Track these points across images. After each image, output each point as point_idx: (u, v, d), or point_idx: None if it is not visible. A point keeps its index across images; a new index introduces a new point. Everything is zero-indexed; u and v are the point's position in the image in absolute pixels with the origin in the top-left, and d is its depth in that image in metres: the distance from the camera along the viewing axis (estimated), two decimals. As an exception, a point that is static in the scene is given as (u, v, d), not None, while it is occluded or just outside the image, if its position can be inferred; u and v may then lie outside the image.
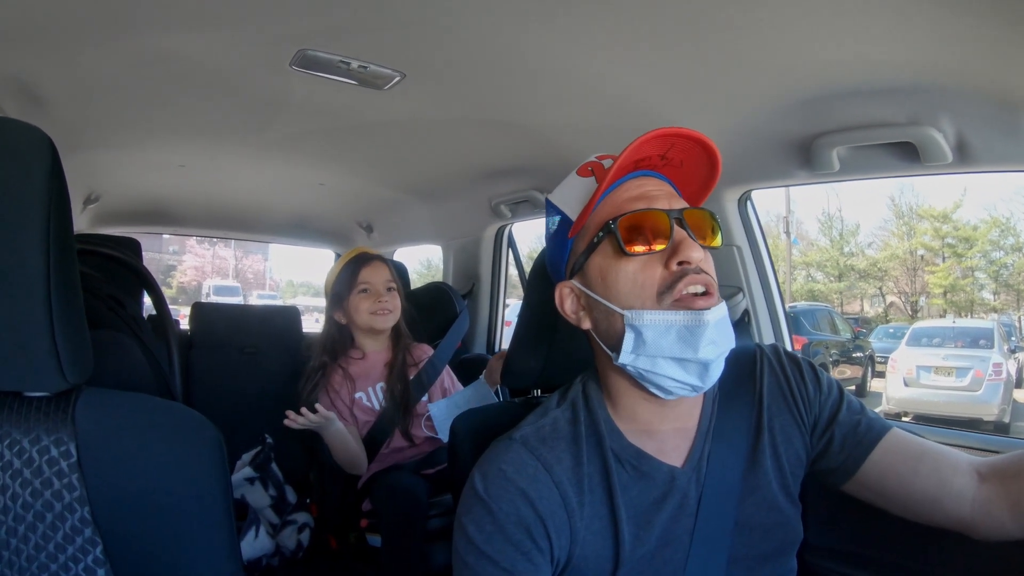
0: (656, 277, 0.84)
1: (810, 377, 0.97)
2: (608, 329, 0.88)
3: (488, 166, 2.31)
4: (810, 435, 0.95)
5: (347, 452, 1.92)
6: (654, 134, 0.84)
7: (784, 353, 1.00)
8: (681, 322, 0.82)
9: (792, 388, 0.96)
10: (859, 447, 0.93)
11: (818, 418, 0.95)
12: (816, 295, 17.98)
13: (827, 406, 0.95)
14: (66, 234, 0.73)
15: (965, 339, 9.11)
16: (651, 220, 0.85)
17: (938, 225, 16.27)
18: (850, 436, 0.93)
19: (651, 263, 0.84)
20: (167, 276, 26.40)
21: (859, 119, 1.38)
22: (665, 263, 0.84)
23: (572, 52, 1.38)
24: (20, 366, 0.71)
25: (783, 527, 0.92)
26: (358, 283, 2.08)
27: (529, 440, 0.89)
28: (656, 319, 0.83)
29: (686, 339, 0.82)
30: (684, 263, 0.83)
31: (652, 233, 0.84)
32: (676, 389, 0.85)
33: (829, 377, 0.98)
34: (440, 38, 1.37)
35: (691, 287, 0.82)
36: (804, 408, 0.95)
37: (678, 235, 0.84)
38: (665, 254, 0.84)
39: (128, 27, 1.35)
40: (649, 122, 1.55)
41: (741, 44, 1.28)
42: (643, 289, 0.84)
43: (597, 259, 0.89)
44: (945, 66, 1.20)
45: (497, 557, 0.82)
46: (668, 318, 0.82)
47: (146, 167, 2.59)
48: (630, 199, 0.88)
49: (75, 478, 0.74)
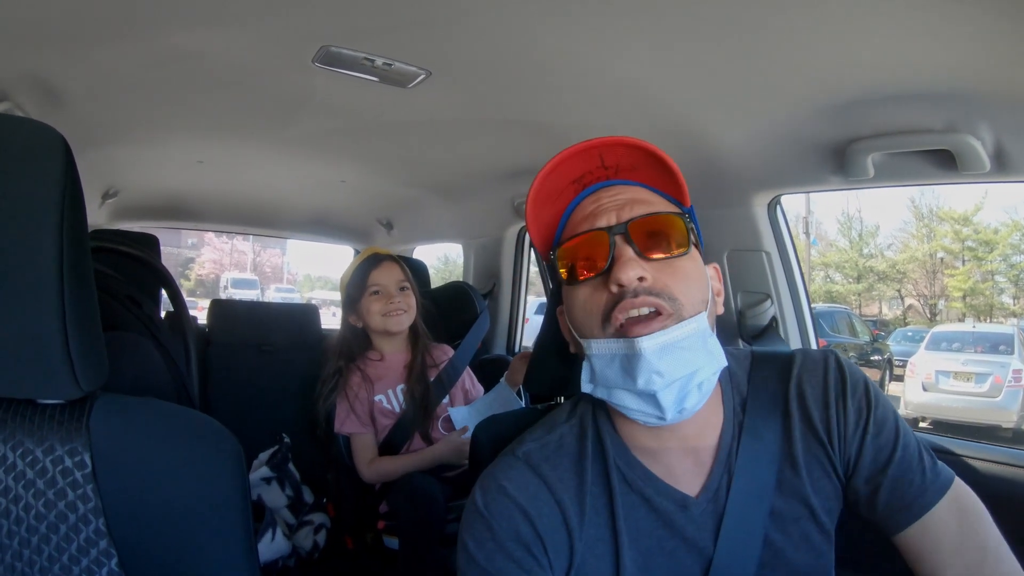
0: (601, 303, 0.79)
1: (854, 406, 0.84)
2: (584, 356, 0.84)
3: (511, 166, 2.28)
4: (844, 475, 0.84)
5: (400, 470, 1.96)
6: (560, 158, 0.85)
7: (835, 364, 0.87)
8: (620, 350, 0.77)
9: (829, 414, 0.84)
10: (903, 512, 0.81)
11: (856, 460, 0.83)
12: (834, 296, 17.87)
13: (869, 448, 0.82)
14: (80, 236, 0.70)
15: (985, 344, 9.01)
16: (592, 241, 0.81)
17: (958, 228, 16.15)
18: (895, 494, 0.81)
19: (599, 287, 0.80)
20: (185, 269, 26.73)
21: (895, 125, 1.33)
22: (609, 287, 0.79)
23: (599, 52, 1.35)
24: (33, 374, 0.69)
25: (815, 568, 0.83)
26: (368, 285, 2.08)
27: (532, 456, 0.86)
28: (601, 348, 0.79)
29: (627, 369, 0.77)
30: (619, 286, 0.77)
31: (595, 255, 0.80)
32: (643, 419, 0.80)
33: (884, 410, 0.84)
34: (466, 36, 1.35)
35: (630, 312, 0.77)
36: (839, 441, 0.84)
37: (617, 253, 0.79)
38: (603, 278, 0.80)
39: (147, 24, 1.34)
40: (675, 124, 1.55)
41: (774, 45, 1.23)
42: (590, 316, 0.80)
43: (564, 287, 0.86)
44: (985, 72, 1.16)
45: (499, 575, 0.80)
46: (610, 347, 0.78)
47: (165, 163, 2.59)
48: (581, 219, 0.85)
49: (90, 489, 0.72)
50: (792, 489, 0.83)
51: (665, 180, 0.87)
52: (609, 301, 0.78)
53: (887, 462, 0.82)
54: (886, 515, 0.81)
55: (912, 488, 0.81)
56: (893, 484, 0.81)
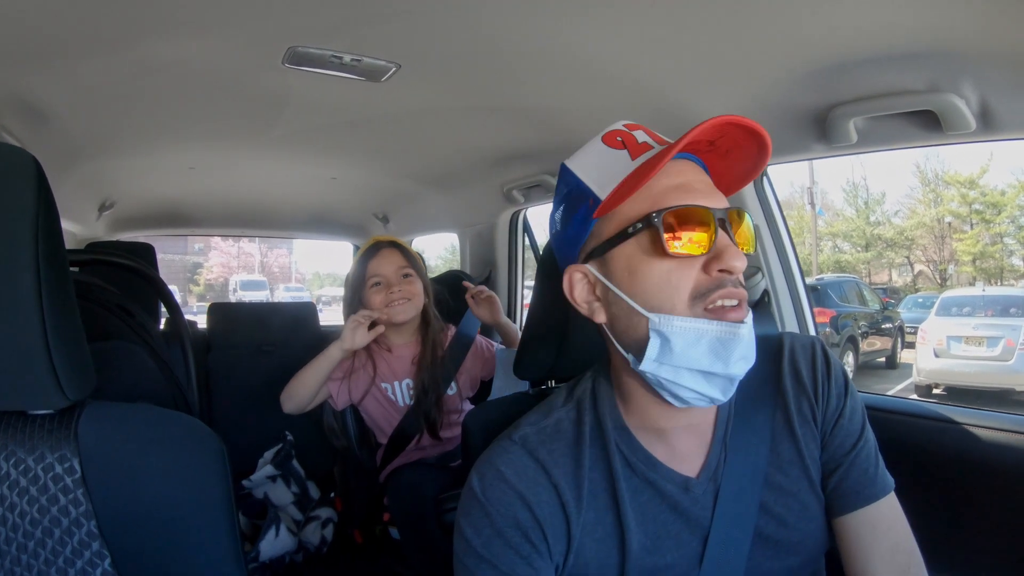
0: (691, 280, 0.76)
1: (836, 390, 0.89)
2: (627, 329, 0.80)
3: (497, 152, 2.28)
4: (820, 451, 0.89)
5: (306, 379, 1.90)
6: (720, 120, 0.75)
7: (821, 350, 0.92)
8: (714, 333, 0.75)
9: (818, 392, 0.89)
10: (852, 496, 0.86)
11: (828, 439, 0.88)
12: (843, 266, 17.77)
13: (840, 431, 0.88)
14: (57, 253, 0.73)
15: (996, 307, 8.91)
16: (696, 217, 0.76)
17: (965, 191, 15.99)
18: (850, 479, 0.87)
19: (687, 264, 0.76)
20: (194, 274, 26.85)
21: (877, 88, 1.31)
22: (704, 267, 0.76)
23: (573, 33, 1.34)
24: (20, 386, 0.72)
25: (812, 536, 0.87)
26: (368, 277, 1.97)
27: (529, 441, 0.86)
28: (687, 326, 0.75)
29: (717, 351, 0.76)
30: (725, 271, 0.76)
31: (695, 232, 0.76)
32: (694, 400, 0.80)
33: (856, 402, 0.90)
34: (432, 26, 1.34)
35: (726, 300, 0.76)
36: (821, 418, 0.89)
37: (722, 239, 0.77)
38: (706, 257, 0.76)
39: (121, 37, 1.35)
40: (656, 99, 1.54)
41: (750, 14, 1.22)
42: (676, 291, 0.76)
43: (627, 250, 0.79)
44: (966, 29, 1.14)
45: (496, 561, 0.80)
46: (700, 326, 0.75)
47: (157, 171, 2.60)
48: (670, 188, 0.78)
49: (80, 493, 0.75)
50: (791, 460, 0.87)
51: (733, 176, 0.86)
52: (707, 283, 0.76)
53: (852, 447, 0.87)
54: (836, 495, 0.87)
55: (865, 477, 0.86)
56: (850, 469, 0.86)
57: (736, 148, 0.81)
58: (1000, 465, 1.25)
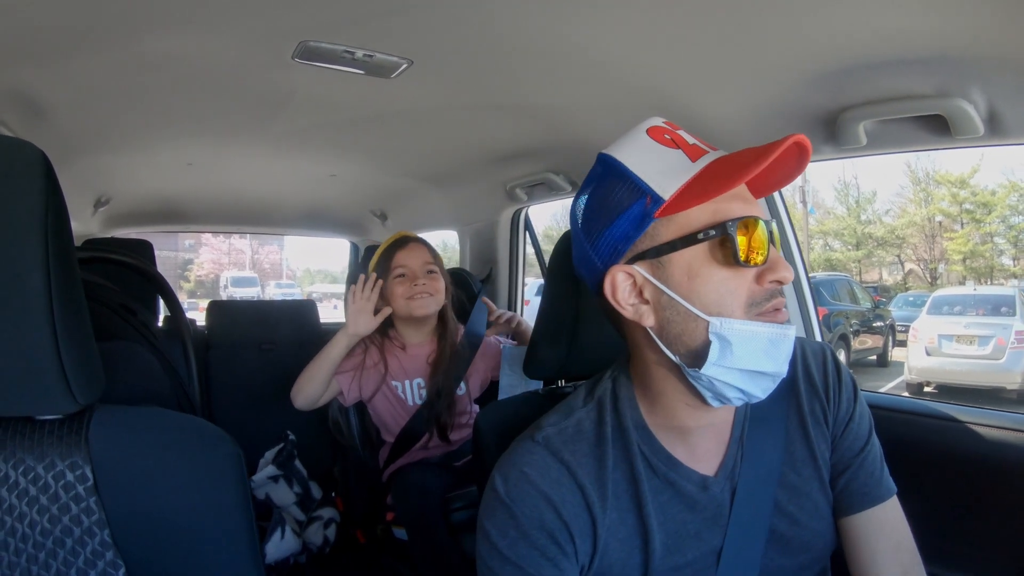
0: (745, 288, 0.78)
1: (846, 395, 0.93)
2: (682, 334, 0.79)
3: (501, 150, 2.27)
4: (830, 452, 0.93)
5: (314, 372, 1.86)
6: (796, 138, 0.75)
7: (832, 356, 0.95)
8: (767, 335, 0.77)
9: (830, 395, 0.92)
10: (859, 497, 0.90)
11: (838, 441, 0.92)
12: (834, 264, 17.88)
13: (850, 433, 0.92)
14: (66, 251, 0.70)
15: (986, 306, 9.03)
16: (759, 229, 0.78)
17: (956, 191, 16.12)
18: (857, 480, 0.90)
19: (744, 273, 0.78)
20: (184, 270, 26.70)
21: (887, 92, 1.31)
22: (757, 277, 0.78)
23: (582, 30, 1.33)
24: (29, 391, 0.68)
25: (822, 535, 0.90)
26: (393, 268, 1.93)
27: (552, 442, 0.86)
28: (745, 329, 0.77)
29: (769, 352, 0.77)
30: (777, 282, 0.78)
31: (758, 245, 0.77)
32: (736, 400, 0.81)
33: (864, 407, 0.94)
34: (446, 22, 1.33)
35: (778, 307, 0.79)
36: (832, 420, 0.92)
37: (773, 251, 0.79)
38: (760, 268, 0.78)
39: (124, 32, 1.32)
40: (666, 100, 1.53)
41: (761, 17, 1.21)
42: (734, 299, 0.77)
43: (689, 255, 0.78)
44: (976, 35, 1.14)
45: (522, 563, 0.80)
46: (755, 329, 0.77)
47: (154, 168, 2.57)
48: (731, 197, 0.78)
49: (93, 502, 0.72)
50: (804, 460, 0.90)
51: (768, 182, 0.86)
52: (760, 293, 0.78)
53: (860, 450, 0.91)
54: (844, 496, 0.90)
55: (872, 479, 0.90)
56: (858, 471, 0.90)
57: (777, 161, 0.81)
58: (1002, 463, 1.26)
